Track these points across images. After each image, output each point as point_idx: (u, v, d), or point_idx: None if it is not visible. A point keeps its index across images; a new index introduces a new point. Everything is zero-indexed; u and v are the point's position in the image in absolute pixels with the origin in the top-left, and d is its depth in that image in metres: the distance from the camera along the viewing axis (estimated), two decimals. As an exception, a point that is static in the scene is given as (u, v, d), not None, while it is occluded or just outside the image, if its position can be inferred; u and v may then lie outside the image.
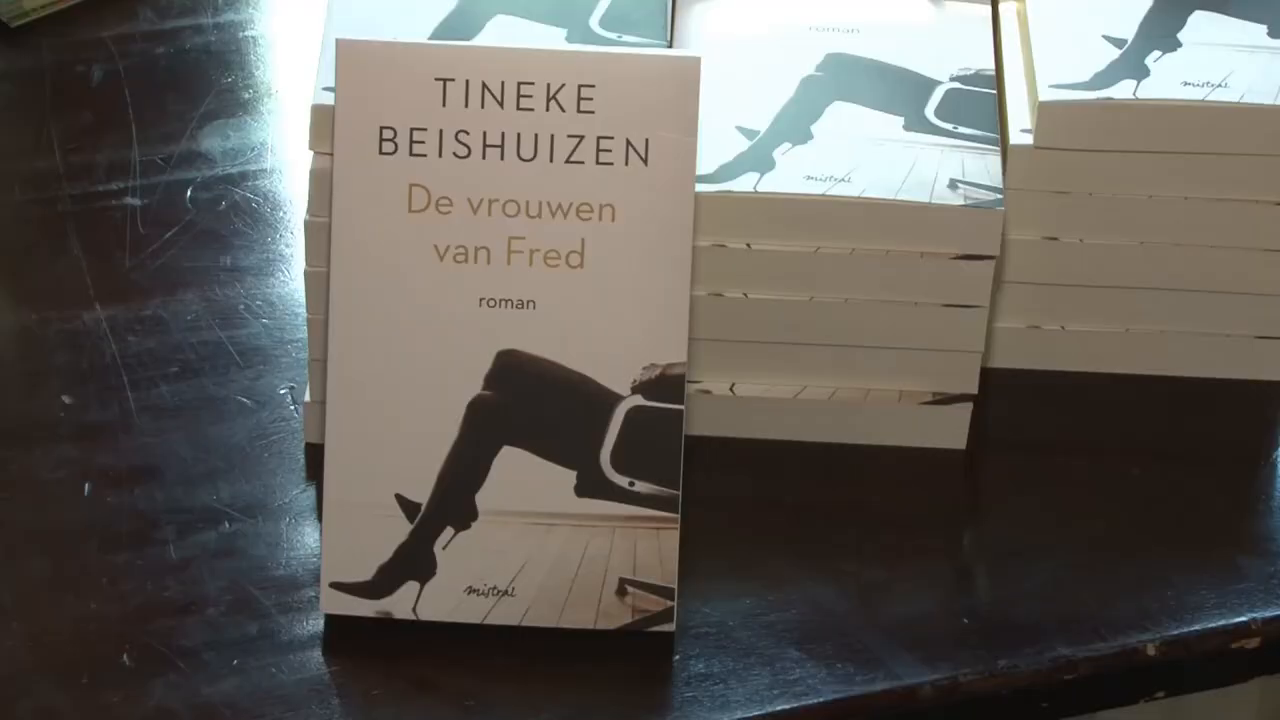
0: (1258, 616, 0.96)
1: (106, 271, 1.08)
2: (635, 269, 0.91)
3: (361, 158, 0.91)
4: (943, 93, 1.01)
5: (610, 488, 0.92)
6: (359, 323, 0.92)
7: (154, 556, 0.96)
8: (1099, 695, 0.96)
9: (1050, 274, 1.03)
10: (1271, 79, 0.99)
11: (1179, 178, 1.00)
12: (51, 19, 1.20)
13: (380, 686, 0.92)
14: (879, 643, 0.94)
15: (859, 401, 1.01)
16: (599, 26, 0.99)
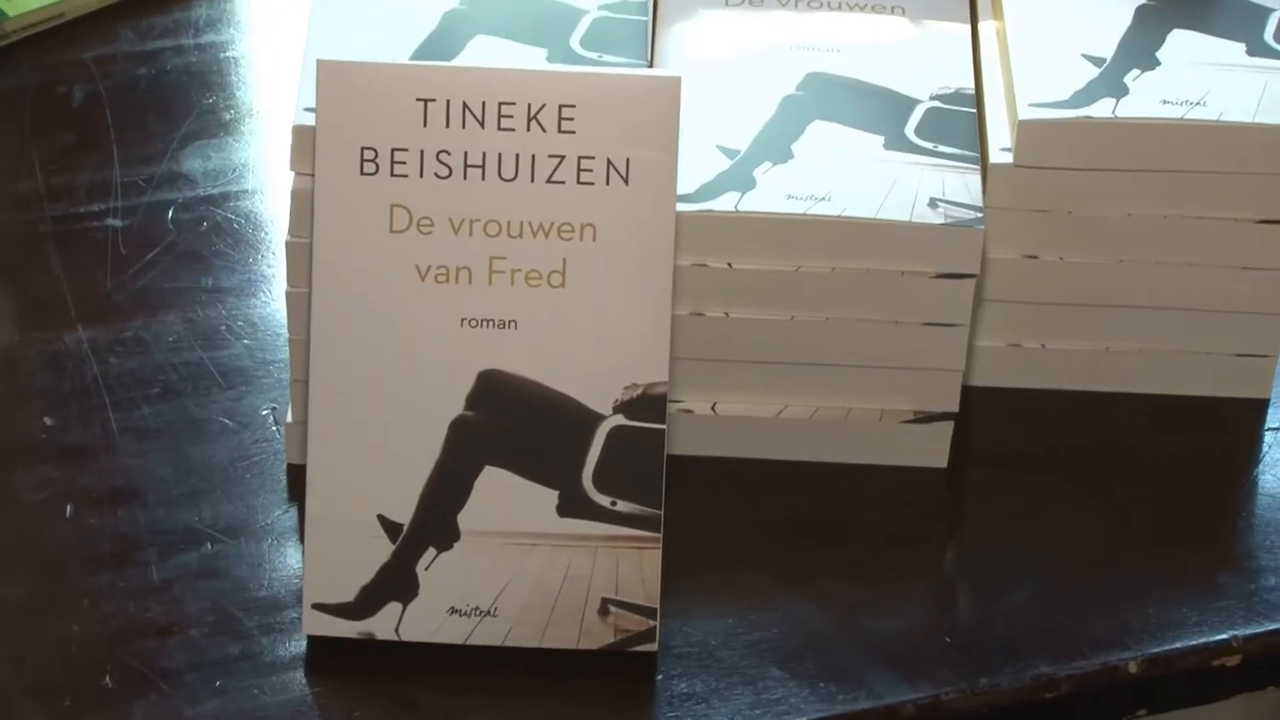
0: (1239, 634, 0.96)
1: (88, 292, 1.08)
2: (616, 288, 0.91)
3: (343, 178, 0.91)
4: (923, 112, 1.01)
5: (592, 507, 0.92)
6: (341, 343, 0.91)
7: (136, 578, 0.96)
8: (1081, 713, 0.95)
9: (1030, 292, 1.03)
10: (1250, 97, 0.99)
11: (1158, 196, 1.00)
12: (32, 39, 1.20)
13: (362, 708, 0.92)
14: (861, 661, 0.94)
15: (840, 420, 1.01)
16: (579, 47, 0.99)
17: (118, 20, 1.21)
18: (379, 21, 1.00)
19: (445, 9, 1.00)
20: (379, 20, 1.00)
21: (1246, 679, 0.97)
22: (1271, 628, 0.96)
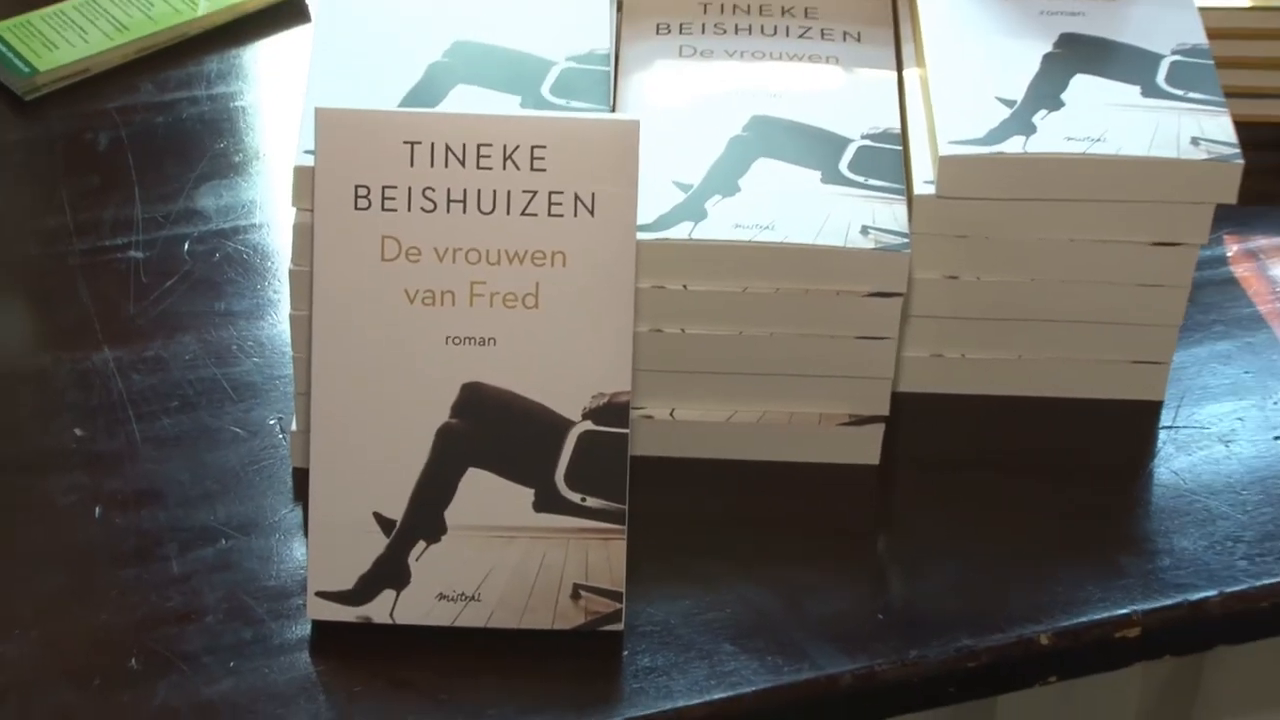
0: (1138, 609, 0.96)
1: (113, 317, 1.07)
2: (584, 308, 0.91)
3: (339, 213, 0.90)
4: (855, 149, 1.01)
5: (564, 503, 0.92)
6: (338, 360, 0.91)
7: (158, 571, 0.96)
8: (999, 681, 0.96)
9: (951, 309, 1.03)
10: (1144, 134, 0.99)
11: (1064, 222, 1.01)
12: (61, 92, 1.19)
13: (362, 684, 0.92)
14: (804, 637, 0.94)
15: (784, 424, 1.01)
16: (549, 94, 0.99)
17: (138, 74, 1.21)
18: (370, 73, 0.99)
19: (429, 61, 1.00)
20: (370, 72, 0.99)
21: (1145, 649, 0.97)
22: (1167, 603, 0.96)
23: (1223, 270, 1.12)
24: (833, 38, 1.08)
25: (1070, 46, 1.04)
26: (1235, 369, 1.08)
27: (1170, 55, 1.04)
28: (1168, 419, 1.05)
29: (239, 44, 1.24)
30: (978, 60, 1.04)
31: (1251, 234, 1.14)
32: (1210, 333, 1.09)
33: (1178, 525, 1.00)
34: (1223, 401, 1.06)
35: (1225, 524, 1.00)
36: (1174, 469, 1.03)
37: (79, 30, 1.21)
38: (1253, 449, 1.04)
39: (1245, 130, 1.01)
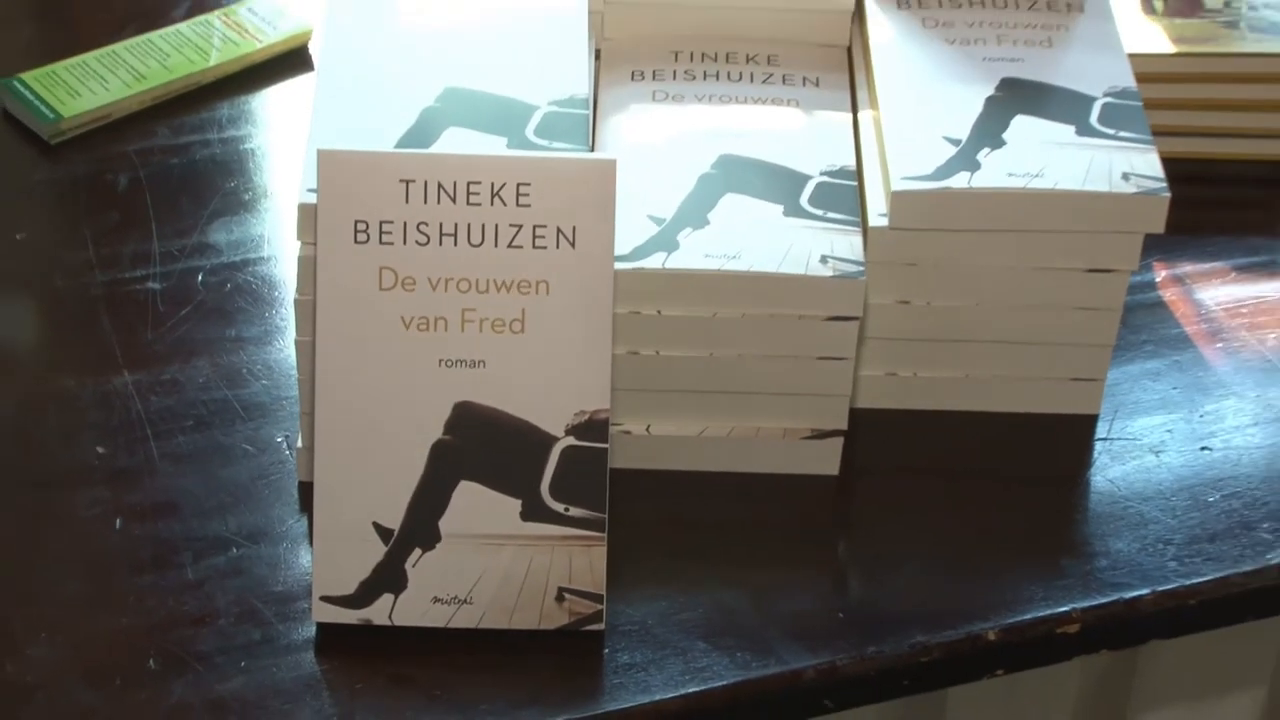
0: (1077, 606, 0.96)
1: (132, 343, 1.07)
2: (567, 333, 0.91)
3: (340, 246, 0.90)
4: (814, 185, 1.01)
5: (549, 513, 0.92)
6: (340, 381, 0.91)
7: (174, 578, 0.95)
8: (950, 674, 0.95)
9: (904, 331, 1.03)
10: (1079, 169, 0.99)
11: (1006, 251, 1.01)
12: (84, 137, 1.19)
13: (363, 682, 0.91)
14: (771, 635, 0.94)
15: (751, 437, 1.01)
16: (533, 135, 0.98)
17: (155, 119, 1.21)
18: (368, 117, 0.99)
19: (423, 106, 1.00)
20: (368, 116, 0.99)
21: (1084, 643, 0.97)
22: (1103, 601, 0.96)
23: (1152, 294, 1.12)
24: (793, 83, 1.08)
25: (1010, 90, 1.04)
26: (1164, 385, 1.07)
27: (1102, 97, 1.04)
28: (1103, 431, 1.05)
29: (248, 91, 1.24)
30: (926, 103, 1.04)
31: (1178, 261, 1.14)
32: (1141, 352, 1.09)
33: (1113, 529, 1.00)
34: (1153, 415, 1.06)
35: (1156, 528, 1.00)
36: (1109, 477, 1.03)
37: (100, 79, 1.20)
38: (1181, 459, 1.04)
39: (1171, 165, 1.01)
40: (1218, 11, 1.19)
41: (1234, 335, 1.10)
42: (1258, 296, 1.12)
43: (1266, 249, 1.15)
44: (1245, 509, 1.01)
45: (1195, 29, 1.18)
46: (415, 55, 1.03)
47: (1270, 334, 1.10)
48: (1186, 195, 1.01)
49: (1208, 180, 1.17)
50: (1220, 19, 1.18)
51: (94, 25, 1.25)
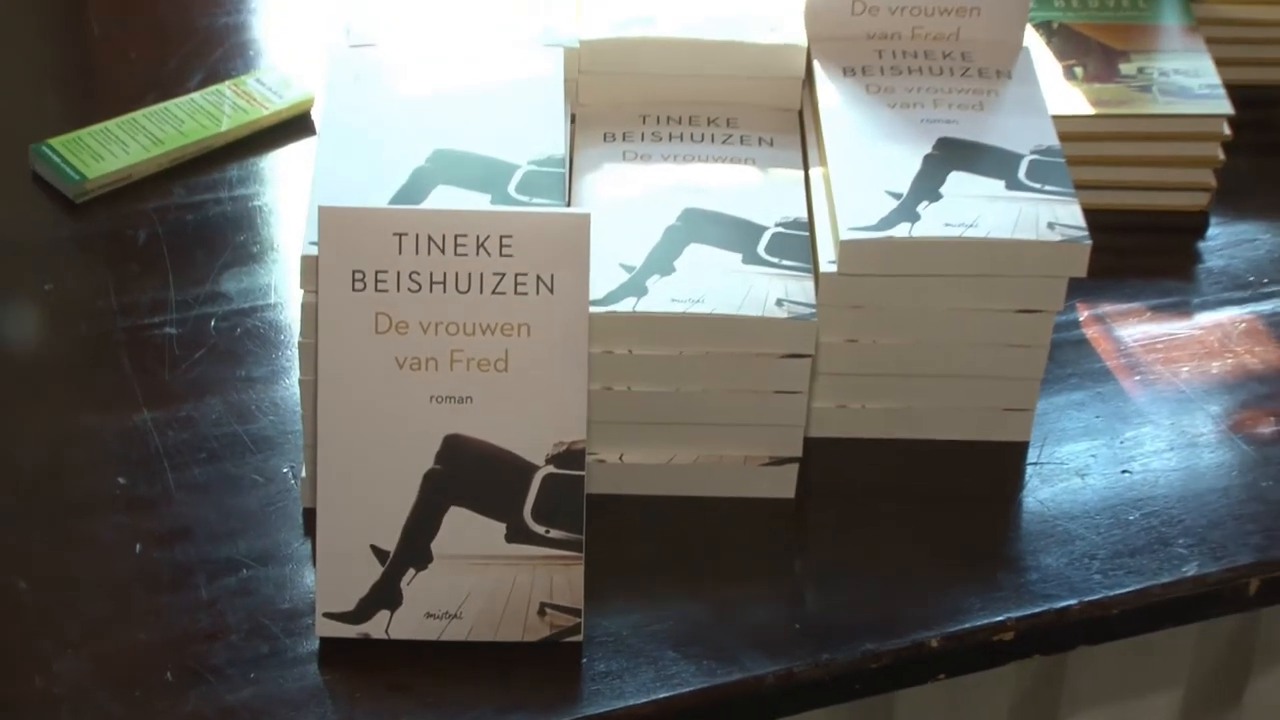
0: (1011, 616, 0.95)
1: (150, 383, 1.06)
2: (546, 371, 0.90)
3: (339, 294, 0.90)
4: (770, 235, 1.01)
5: (531, 535, 0.91)
6: (340, 417, 0.90)
7: (189, 597, 0.95)
8: (897, 678, 0.95)
9: (852, 367, 1.03)
10: (1009, 220, 1.00)
11: (944, 294, 1.01)
12: (106, 196, 1.19)
13: (362, 691, 0.91)
14: (734, 644, 0.93)
15: (715, 464, 1.00)
16: (515, 192, 0.98)
17: (172, 180, 1.20)
18: (364, 177, 0.99)
19: (414, 167, 0.99)
20: (365, 176, 0.99)
21: (1018, 650, 0.96)
22: (1035, 611, 0.96)
23: (1076, 332, 1.12)
24: (750, 143, 1.07)
25: (946, 148, 1.04)
26: (1088, 414, 1.07)
27: (1029, 155, 1.04)
28: (1033, 456, 1.05)
29: (256, 154, 1.23)
30: (870, 160, 1.04)
31: (1099, 302, 1.14)
32: (1067, 384, 1.09)
33: (1043, 545, 1.00)
34: (1078, 441, 1.06)
35: (1082, 544, 1.00)
36: (1039, 499, 1.02)
37: (121, 144, 1.20)
38: (1104, 481, 1.04)
39: (1092, 215, 1.01)
40: (1132, 77, 1.19)
41: (1150, 369, 1.10)
42: (1170, 334, 1.13)
43: (1178, 291, 1.16)
44: (1163, 526, 1.01)
45: (1112, 93, 1.18)
46: (407, 120, 1.02)
47: (1183, 367, 1.10)
48: (1106, 243, 1.01)
49: (1125, 229, 1.17)
50: (1134, 84, 1.19)
51: (115, 95, 1.25)
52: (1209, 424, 1.07)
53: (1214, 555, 0.99)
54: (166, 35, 1.31)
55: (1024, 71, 1.10)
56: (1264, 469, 1.04)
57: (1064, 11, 1.23)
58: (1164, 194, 1.20)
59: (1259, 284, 1.16)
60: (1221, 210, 1.21)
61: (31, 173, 1.20)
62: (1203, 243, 1.19)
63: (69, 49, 1.33)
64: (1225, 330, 1.13)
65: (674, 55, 1.09)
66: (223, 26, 1.32)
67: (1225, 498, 1.03)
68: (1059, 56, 1.21)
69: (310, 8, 1.34)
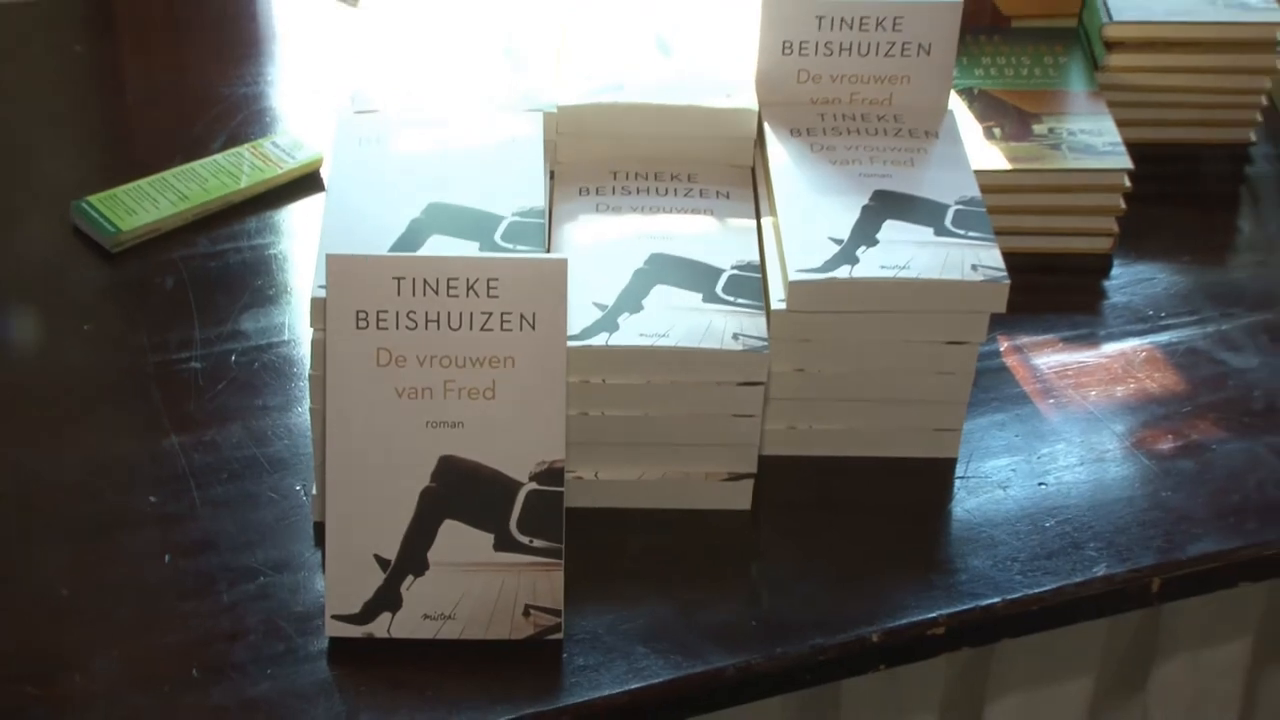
0: (943, 613, 0.95)
1: (178, 412, 1.05)
2: (529, 399, 0.90)
3: (344, 332, 0.89)
4: (726, 277, 1.00)
5: (517, 544, 0.91)
6: (345, 441, 0.90)
7: (212, 602, 0.94)
8: (842, 669, 0.95)
9: (800, 393, 1.02)
10: (937, 263, 1.00)
11: (880, 328, 1.00)
12: (138, 246, 1.18)
13: (367, 685, 0.90)
14: (698, 640, 0.93)
15: (680, 480, 1.00)
16: (500, 240, 0.98)
17: (196, 231, 1.19)
18: (367, 227, 0.98)
19: (411, 218, 0.99)
20: (367, 227, 0.98)
21: (949, 643, 0.96)
22: (963, 608, 0.95)
23: (997, 361, 1.12)
24: (709, 196, 1.07)
25: (882, 199, 1.04)
26: (1008, 434, 1.07)
27: (954, 205, 1.04)
28: (961, 471, 1.04)
29: (271, 208, 1.22)
30: (815, 210, 1.03)
31: (1017, 334, 1.14)
32: (989, 407, 1.09)
33: (970, 550, 0.99)
34: (1000, 458, 1.05)
35: (1004, 548, 0.99)
36: (966, 508, 1.02)
37: (151, 200, 1.19)
38: (1023, 492, 1.03)
39: (1010, 258, 1.01)
40: (1044, 137, 1.19)
41: (1062, 393, 1.10)
42: (1080, 362, 1.12)
43: (1086, 324, 1.16)
44: (1075, 532, 1.01)
45: (1026, 150, 1.18)
46: (405, 177, 1.02)
47: (1091, 391, 1.10)
48: (1022, 282, 1.01)
49: (1039, 270, 1.17)
50: (1046, 142, 1.19)
51: (147, 157, 1.24)
52: (1114, 441, 1.07)
53: (1120, 558, 0.99)
54: (192, 104, 1.30)
55: (949, 132, 1.10)
56: (1163, 480, 1.04)
57: (983, 79, 1.24)
58: (1073, 239, 1.20)
59: (1157, 318, 1.16)
60: (1123, 253, 1.21)
61: (72, 226, 1.19)
62: (1107, 281, 1.19)
63: (106, 116, 1.32)
64: (1128, 359, 1.13)
65: (641, 118, 1.09)
66: (242, 96, 1.31)
67: (1130, 506, 1.02)
68: (979, 119, 1.21)
69: (319, 79, 1.33)
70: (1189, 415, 1.09)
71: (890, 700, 1.10)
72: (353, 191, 1.01)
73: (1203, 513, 1.02)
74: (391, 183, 1.02)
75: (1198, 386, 1.11)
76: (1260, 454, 1.06)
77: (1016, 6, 1.28)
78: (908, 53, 1.09)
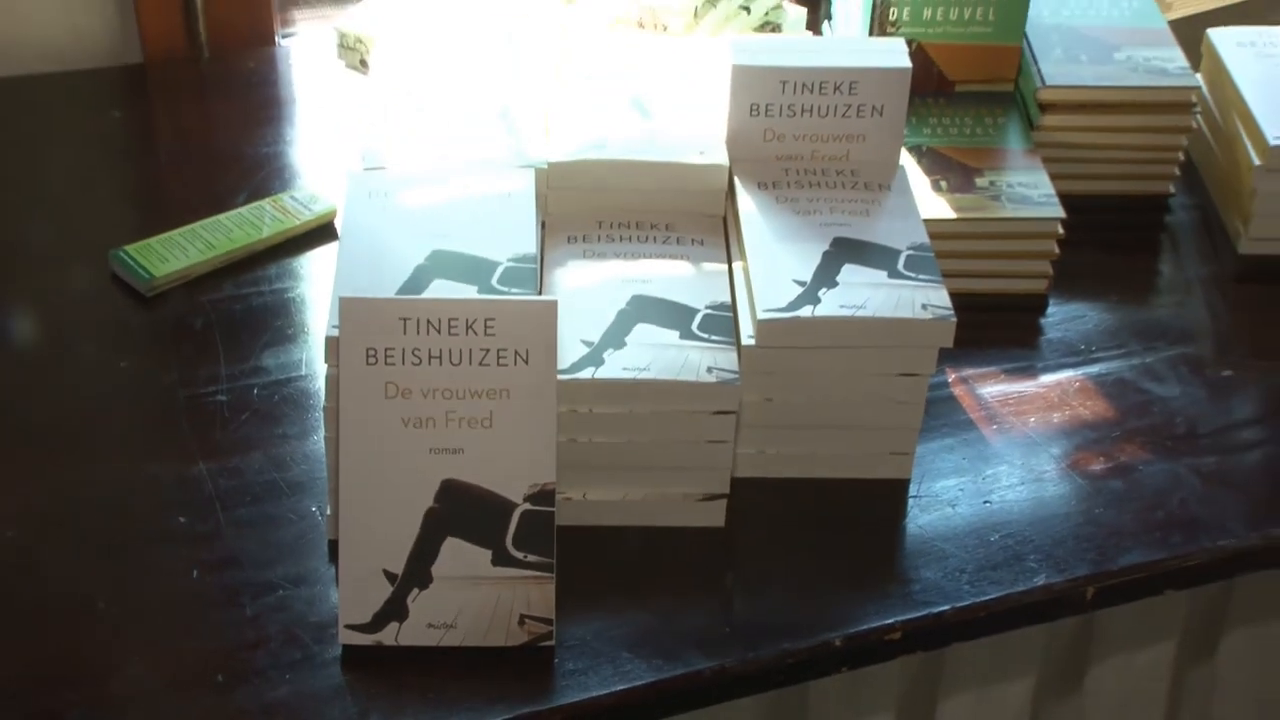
0: (899, 619, 0.95)
1: (206, 440, 1.04)
2: (523, 427, 0.89)
3: (356, 368, 0.89)
4: (701, 316, 1.00)
5: (512, 560, 0.90)
6: (357, 466, 0.89)
7: (236, 613, 0.93)
8: (809, 672, 0.94)
9: (768, 420, 1.02)
10: (890, 303, 0.99)
11: (840, 361, 1.00)
12: (170, 291, 1.17)
13: (377, 688, 0.89)
14: (678, 645, 0.92)
15: (660, 500, 0.99)
16: (497, 284, 0.97)
17: (222, 277, 1.19)
18: (376, 273, 0.98)
19: (416, 264, 0.98)
20: (376, 272, 0.98)
21: (905, 647, 0.95)
22: (917, 615, 0.95)
23: (945, 391, 1.12)
24: (685, 243, 1.07)
25: (840, 246, 1.04)
26: (956, 457, 1.07)
27: (906, 250, 1.04)
28: (914, 491, 1.04)
29: (290, 255, 1.22)
30: (780, 256, 1.03)
31: (963, 367, 1.14)
32: (939, 433, 1.08)
33: (923, 562, 0.99)
34: (949, 479, 1.05)
35: (953, 560, 0.99)
36: (919, 524, 1.01)
37: (182, 249, 1.19)
38: (970, 510, 1.03)
39: (956, 298, 1.01)
40: (985, 189, 1.19)
41: (1004, 420, 1.10)
42: (1020, 392, 1.12)
43: (1025, 358, 1.15)
44: (1017, 545, 1.00)
45: (970, 201, 1.18)
46: (410, 227, 1.02)
47: (1030, 418, 1.10)
48: (967, 320, 1.01)
49: (982, 309, 1.16)
50: (987, 194, 1.19)
51: (178, 210, 1.23)
52: (1052, 463, 1.06)
53: (1058, 568, 0.99)
54: (219, 162, 1.30)
55: (900, 185, 1.10)
56: (1096, 498, 1.04)
57: (930, 138, 1.24)
58: (1012, 280, 1.20)
59: (1089, 351, 1.16)
60: (1057, 293, 1.21)
61: (111, 273, 1.18)
62: (1043, 319, 1.19)
63: (141, 174, 1.32)
64: (1063, 388, 1.12)
65: (623, 173, 1.08)
66: (264, 155, 1.31)
67: (1066, 522, 1.02)
68: (927, 173, 1.21)
69: (333, 139, 1.33)
70: (1118, 439, 1.08)
71: (852, 699, 1.09)
72: (363, 240, 1.01)
73: (1131, 527, 1.02)
74: (398, 232, 1.01)
75: (1125, 413, 1.10)
76: (1182, 474, 1.06)
77: (960, 72, 1.28)
78: (863, 114, 1.09)
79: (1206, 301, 1.21)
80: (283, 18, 1.46)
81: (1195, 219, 1.29)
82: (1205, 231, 1.27)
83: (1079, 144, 1.27)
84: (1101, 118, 1.27)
